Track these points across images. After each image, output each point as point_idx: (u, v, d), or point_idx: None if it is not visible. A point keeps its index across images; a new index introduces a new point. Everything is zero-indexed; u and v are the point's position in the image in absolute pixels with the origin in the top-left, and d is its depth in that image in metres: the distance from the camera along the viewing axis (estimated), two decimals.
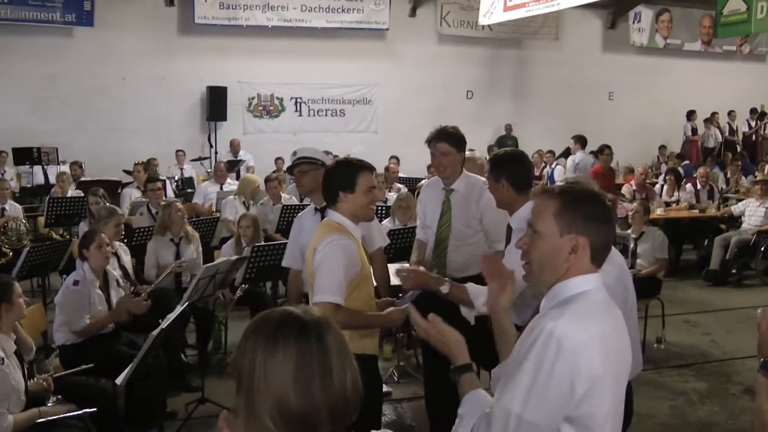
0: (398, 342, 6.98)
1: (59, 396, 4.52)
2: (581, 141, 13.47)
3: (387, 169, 12.43)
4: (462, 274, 4.66)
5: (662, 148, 18.25)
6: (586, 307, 2.14)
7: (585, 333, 2.05)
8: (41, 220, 10.34)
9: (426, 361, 5.14)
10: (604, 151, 11.91)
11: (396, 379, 6.58)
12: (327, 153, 14.60)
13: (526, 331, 2.14)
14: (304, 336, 1.68)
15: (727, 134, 19.18)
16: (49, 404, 4.39)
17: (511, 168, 4.09)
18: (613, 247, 3.54)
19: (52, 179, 12.51)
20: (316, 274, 3.67)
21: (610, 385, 2.10)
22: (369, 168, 3.90)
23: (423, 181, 12.00)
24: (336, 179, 3.83)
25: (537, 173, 15.30)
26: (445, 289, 3.76)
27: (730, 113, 19.41)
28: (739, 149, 18.53)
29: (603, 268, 3.21)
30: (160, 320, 4.95)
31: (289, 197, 10.09)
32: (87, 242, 5.64)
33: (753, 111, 19.58)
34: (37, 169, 13.46)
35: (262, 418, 1.64)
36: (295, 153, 5.11)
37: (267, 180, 9.91)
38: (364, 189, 3.82)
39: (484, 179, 5.12)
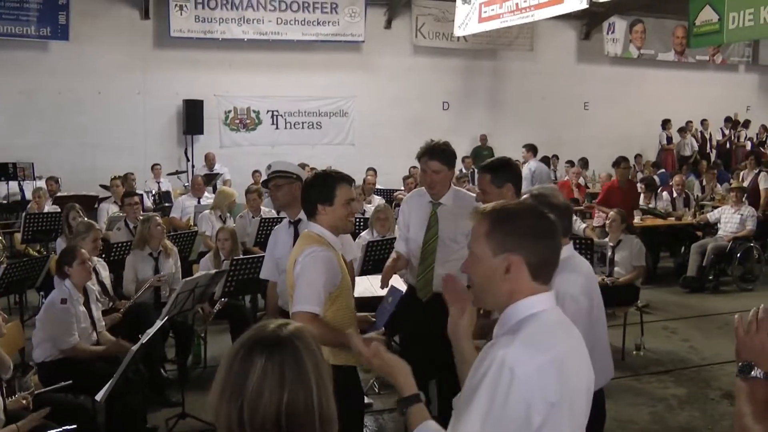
0: None
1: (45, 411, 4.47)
2: (533, 149, 13.48)
3: (364, 181, 12.43)
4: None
5: (638, 156, 18.38)
6: (538, 331, 2.06)
7: (538, 359, 1.98)
8: (17, 236, 10.26)
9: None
10: (620, 164, 10.77)
11: (377, 390, 6.58)
12: (303, 166, 14.62)
13: (478, 359, 2.08)
14: (239, 348, 1.79)
15: (699, 143, 19.35)
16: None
17: (514, 173, 4.39)
18: (581, 257, 3.58)
19: (29, 195, 12.41)
20: (295, 285, 3.65)
21: (568, 409, 2.03)
22: (347, 180, 3.91)
23: (399, 193, 12.07)
24: (315, 192, 3.82)
25: None
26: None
27: (703, 122, 19.62)
28: (713, 157, 18.76)
29: (569, 278, 3.24)
30: (139, 335, 4.94)
31: (268, 210, 10.08)
32: (68, 259, 5.60)
33: (728, 119, 19.81)
34: (13, 184, 13.34)
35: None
36: (269, 167, 5.11)
37: (247, 192, 9.90)
38: (343, 201, 3.81)
39: (472, 194, 5.19)
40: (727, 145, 19.65)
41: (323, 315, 3.65)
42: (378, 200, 11.28)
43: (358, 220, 9.58)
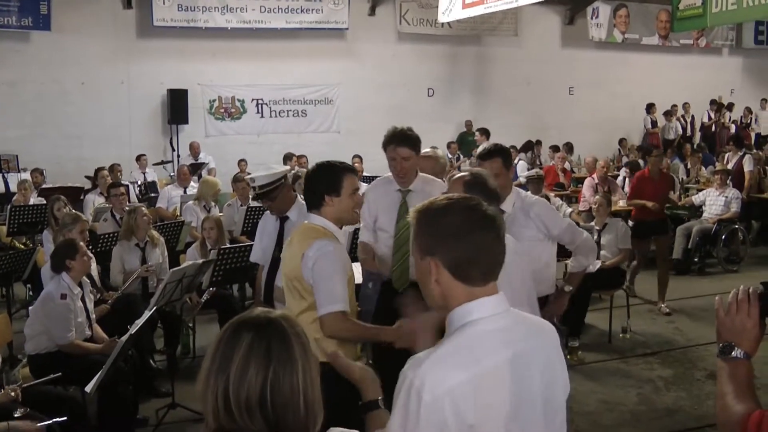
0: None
1: (27, 408, 4.46)
2: (486, 133, 14.01)
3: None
4: None
5: (623, 141, 18.47)
6: (460, 345, 1.95)
7: (450, 381, 1.87)
8: (3, 229, 10.21)
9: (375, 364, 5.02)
10: (652, 153, 10.20)
11: None
12: (290, 156, 14.58)
13: (401, 375, 1.97)
14: (226, 330, 1.82)
15: (684, 126, 19.43)
16: (17, 415, 4.34)
17: (510, 156, 4.63)
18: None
19: (13, 187, 12.32)
20: (315, 285, 3.52)
21: (496, 424, 1.93)
22: (353, 170, 3.83)
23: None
24: (321, 183, 3.70)
25: None
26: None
27: (685, 105, 19.67)
28: (697, 140, 18.85)
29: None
30: (128, 326, 4.94)
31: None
32: (71, 252, 5.55)
33: (713, 102, 19.88)
34: None
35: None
36: (253, 181, 4.99)
37: (235, 180, 9.90)
38: (350, 192, 3.71)
39: (440, 180, 5.16)
40: (713, 128, 19.72)
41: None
42: (365, 187, 11.27)
43: None
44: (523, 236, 4.33)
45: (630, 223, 9.46)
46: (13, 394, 4.44)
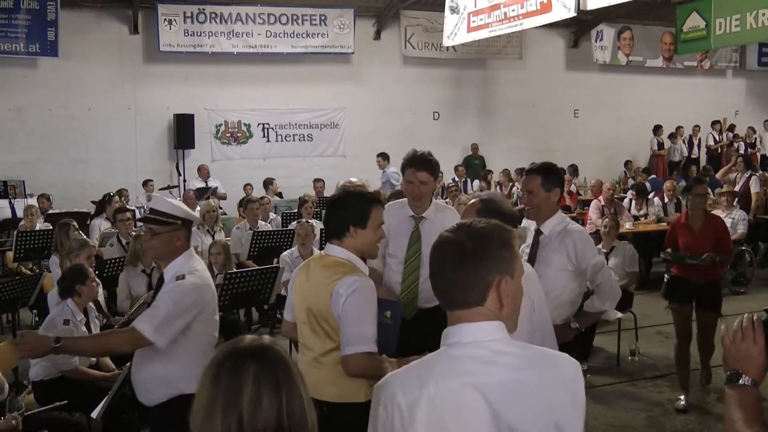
0: None
1: None
2: (386, 157, 14.78)
3: (377, 193, 12.51)
4: (430, 304, 4.59)
5: (628, 163, 18.46)
6: (424, 365, 2.05)
7: (403, 397, 1.97)
8: (10, 254, 10.22)
9: None
10: (693, 189, 6.97)
11: None
12: (270, 181, 14.73)
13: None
14: (223, 363, 1.79)
15: (686, 149, 19.39)
16: None
17: (561, 178, 4.49)
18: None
19: (20, 212, 12.35)
20: (344, 323, 3.35)
21: None
22: (380, 202, 3.72)
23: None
24: (347, 212, 3.52)
25: (506, 192, 15.42)
26: None
27: (695, 128, 19.66)
28: (703, 162, 18.83)
29: None
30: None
31: (265, 223, 10.15)
32: (81, 278, 5.54)
33: (715, 123, 19.85)
34: (4, 202, 13.29)
35: None
36: (149, 200, 4.84)
37: (249, 201, 9.97)
38: (376, 225, 3.55)
39: (452, 208, 5.17)
40: (718, 150, 19.70)
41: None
42: None
43: None
44: (551, 261, 4.29)
45: (665, 277, 6.89)
46: (14, 422, 4.41)
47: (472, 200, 3.66)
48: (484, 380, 1.96)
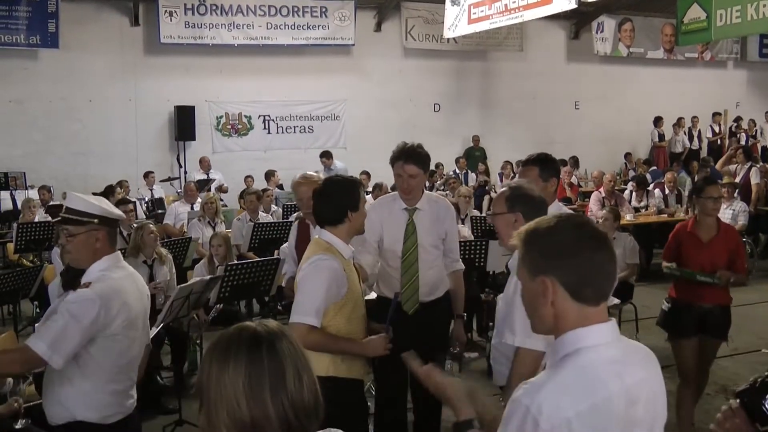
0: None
1: (29, 419, 4.43)
2: (329, 155, 15.23)
3: (379, 186, 12.56)
4: (431, 297, 4.67)
5: (629, 155, 18.47)
6: (578, 374, 1.91)
7: (568, 411, 1.85)
8: (11, 246, 10.24)
9: (385, 384, 4.97)
10: (703, 191, 5.60)
11: (373, 393, 6.58)
12: (272, 173, 14.84)
13: (512, 401, 1.95)
14: (255, 347, 1.76)
15: (688, 141, 19.37)
16: (18, 426, 4.31)
17: (557, 168, 4.46)
18: None
19: (21, 204, 12.36)
20: (296, 293, 3.63)
21: None
22: (360, 182, 4.00)
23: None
24: (345, 199, 3.72)
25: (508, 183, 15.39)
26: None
27: (693, 119, 19.64)
28: (703, 155, 18.80)
29: None
30: None
31: (266, 215, 10.16)
32: (81, 273, 5.53)
33: (715, 115, 19.82)
34: (5, 194, 13.30)
35: (220, 429, 1.73)
36: (65, 197, 4.66)
37: (246, 193, 9.98)
38: (363, 203, 3.83)
39: (445, 199, 5.16)
40: (718, 142, 19.69)
41: (326, 325, 3.60)
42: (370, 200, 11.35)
43: None
44: None
45: (664, 305, 5.71)
46: (16, 405, 4.41)
47: (502, 188, 3.67)
48: (631, 382, 1.97)
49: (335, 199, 3.73)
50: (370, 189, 13.29)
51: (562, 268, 1.97)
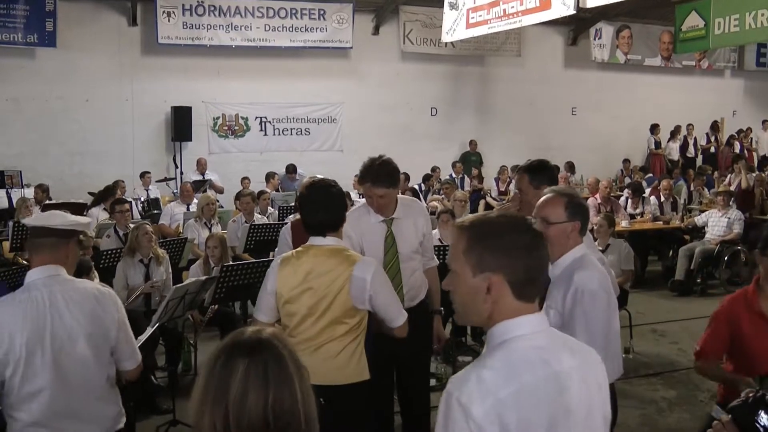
0: None
1: None
2: (293, 169, 15.30)
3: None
4: (415, 302, 4.68)
5: (626, 161, 18.50)
6: (504, 359, 1.96)
7: (497, 394, 1.89)
8: (6, 244, 10.21)
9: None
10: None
11: None
12: (272, 175, 14.81)
13: (444, 394, 1.98)
14: (214, 358, 1.82)
15: (679, 148, 19.39)
16: None
17: (552, 175, 4.38)
18: (592, 257, 3.61)
19: (16, 203, 12.33)
20: (380, 301, 3.61)
21: None
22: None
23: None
24: (343, 206, 3.80)
25: (503, 189, 15.47)
26: None
27: (688, 127, 19.65)
28: (698, 163, 18.86)
29: (586, 275, 3.28)
30: None
31: (261, 216, 10.17)
32: (85, 270, 5.54)
33: (714, 123, 19.87)
34: (1, 192, 13.27)
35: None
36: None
37: (240, 195, 9.98)
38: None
39: (418, 201, 5.17)
40: (711, 150, 19.71)
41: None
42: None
43: None
44: None
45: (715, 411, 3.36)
46: None
47: (548, 195, 3.55)
48: (559, 368, 2.01)
49: (339, 206, 3.76)
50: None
51: (511, 267, 2.00)
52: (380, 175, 4.47)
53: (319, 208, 3.70)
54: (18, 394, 3.20)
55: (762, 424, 2.14)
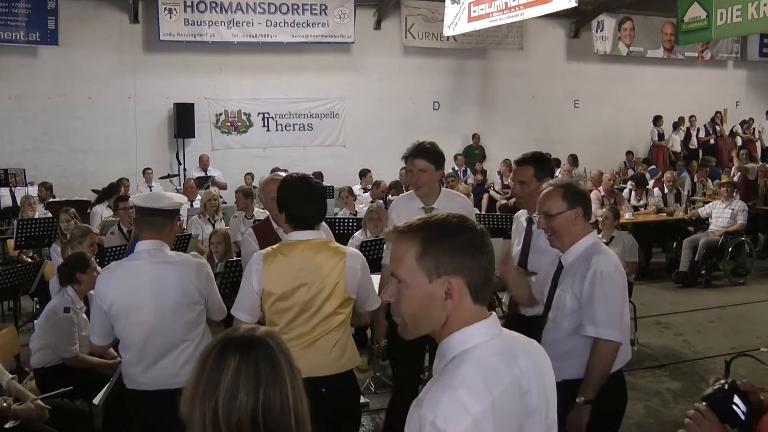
0: (373, 353, 7.00)
1: (18, 420, 4.39)
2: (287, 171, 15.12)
3: (377, 184, 12.66)
4: None
5: (629, 153, 18.46)
6: (473, 373, 1.86)
7: (473, 410, 1.80)
8: (11, 242, 10.24)
9: (399, 372, 5.09)
10: None
11: (373, 389, 6.60)
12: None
13: (408, 416, 1.87)
14: (207, 352, 1.81)
15: (683, 139, 19.33)
16: (7, 426, 4.29)
17: (551, 167, 4.51)
18: (603, 244, 3.66)
19: (20, 201, 12.35)
20: (364, 289, 3.74)
21: None
22: None
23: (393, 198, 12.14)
24: (326, 198, 3.87)
25: (507, 181, 15.44)
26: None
27: (691, 118, 19.58)
28: (701, 154, 18.82)
29: (602, 258, 3.36)
30: None
31: (262, 212, 10.14)
32: (82, 266, 5.54)
33: (716, 114, 19.81)
34: (5, 191, 13.30)
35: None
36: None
37: (236, 191, 9.99)
38: None
39: (462, 195, 5.21)
40: (711, 141, 19.62)
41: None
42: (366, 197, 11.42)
43: (351, 220, 9.64)
44: (547, 249, 3.87)
45: None
46: (5, 404, 4.38)
47: (547, 189, 3.60)
48: (519, 372, 1.96)
49: (322, 200, 3.80)
50: (369, 187, 13.35)
51: (470, 269, 1.92)
52: (420, 149, 4.68)
53: (307, 200, 3.67)
54: (123, 342, 3.90)
55: (739, 407, 2.25)
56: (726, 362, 2.65)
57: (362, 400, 6.22)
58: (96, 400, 4.57)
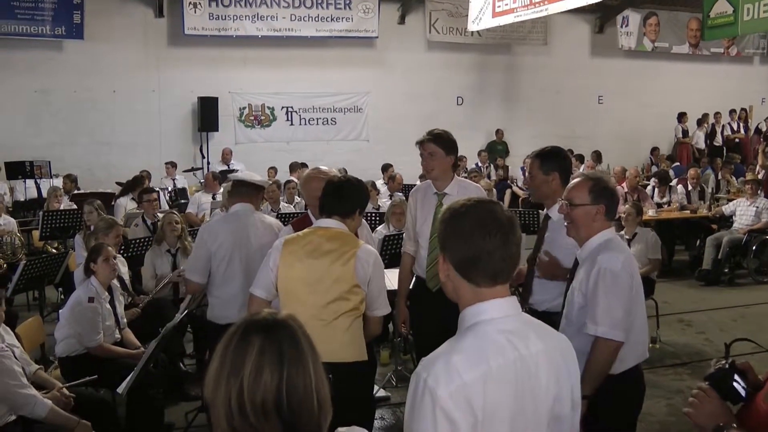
0: (395, 347, 7.02)
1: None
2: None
3: (393, 178, 12.63)
4: None
5: (655, 150, 18.33)
6: (473, 343, 2.03)
7: (464, 376, 1.95)
8: (36, 233, 10.35)
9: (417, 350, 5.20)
10: None
11: (394, 383, 6.62)
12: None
13: (413, 375, 2.04)
14: (230, 335, 1.82)
15: (707, 135, 19.14)
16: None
17: (563, 163, 4.38)
18: (621, 240, 3.65)
19: (46, 193, 12.49)
20: (375, 286, 3.86)
21: (501, 422, 1.99)
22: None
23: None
24: (359, 197, 4.02)
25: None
26: None
27: (716, 115, 19.41)
28: (725, 151, 18.64)
29: (610, 256, 3.34)
30: (159, 329, 5.00)
31: (287, 205, 10.22)
32: (94, 256, 5.62)
33: (732, 112, 19.60)
34: (30, 183, 13.45)
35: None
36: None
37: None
38: (362, 212, 4.06)
39: (476, 184, 5.27)
40: (736, 140, 19.42)
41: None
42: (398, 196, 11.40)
43: (373, 215, 9.67)
44: (561, 244, 4.05)
45: None
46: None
47: (577, 178, 3.64)
48: (527, 353, 2.07)
49: (356, 195, 3.98)
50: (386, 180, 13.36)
51: (452, 250, 2.14)
52: (431, 134, 4.88)
53: (345, 194, 3.94)
54: (218, 282, 4.99)
55: (740, 384, 2.46)
56: (726, 345, 2.75)
57: (383, 393, 6.26)
58: (120, 389, 4.62)
